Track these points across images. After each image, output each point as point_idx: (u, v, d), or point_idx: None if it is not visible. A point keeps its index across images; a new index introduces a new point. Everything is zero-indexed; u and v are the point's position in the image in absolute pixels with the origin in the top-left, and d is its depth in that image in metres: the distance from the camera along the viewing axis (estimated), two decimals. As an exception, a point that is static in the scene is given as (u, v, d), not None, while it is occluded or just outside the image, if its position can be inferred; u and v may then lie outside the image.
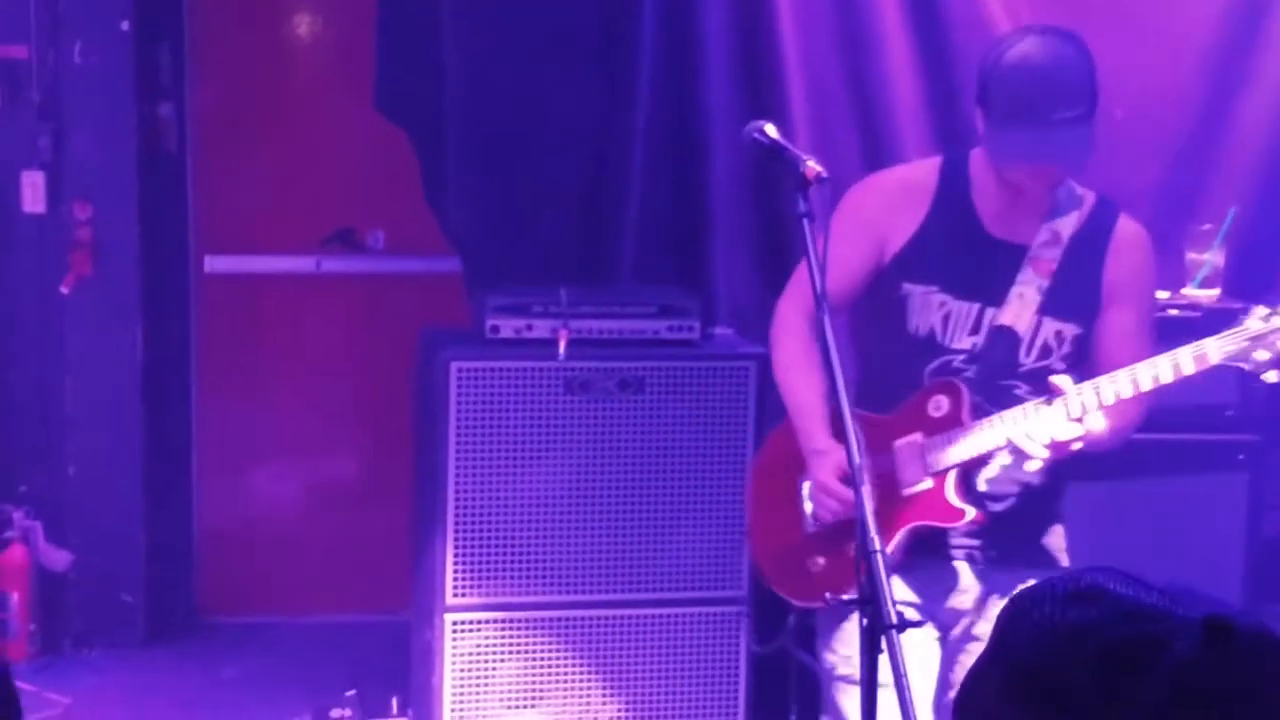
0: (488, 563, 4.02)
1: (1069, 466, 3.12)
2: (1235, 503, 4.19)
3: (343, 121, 5.26)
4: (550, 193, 4.37)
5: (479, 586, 4.03)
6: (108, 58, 4.98)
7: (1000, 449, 3.00)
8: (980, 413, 3.01)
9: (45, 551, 5.08)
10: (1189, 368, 2.89)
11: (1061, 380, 2.95)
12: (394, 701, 4.48)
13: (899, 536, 3.04)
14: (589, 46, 4.32)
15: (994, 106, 2.99)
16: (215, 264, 5.37)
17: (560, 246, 4.35)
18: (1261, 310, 2.85)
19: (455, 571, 4.02)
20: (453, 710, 4.06)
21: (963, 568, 3.14)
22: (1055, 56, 2.98)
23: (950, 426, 3.03)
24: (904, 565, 3.07)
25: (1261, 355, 2.82)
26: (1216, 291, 4.20)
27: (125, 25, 4.99)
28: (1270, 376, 2.80)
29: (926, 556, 3.11)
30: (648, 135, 4.27)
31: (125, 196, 5.04)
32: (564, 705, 4.08)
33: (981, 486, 3.09)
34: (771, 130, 2.79)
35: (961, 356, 3.07)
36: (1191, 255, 4.23)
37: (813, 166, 2.69)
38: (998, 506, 3.11)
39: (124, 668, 5.03)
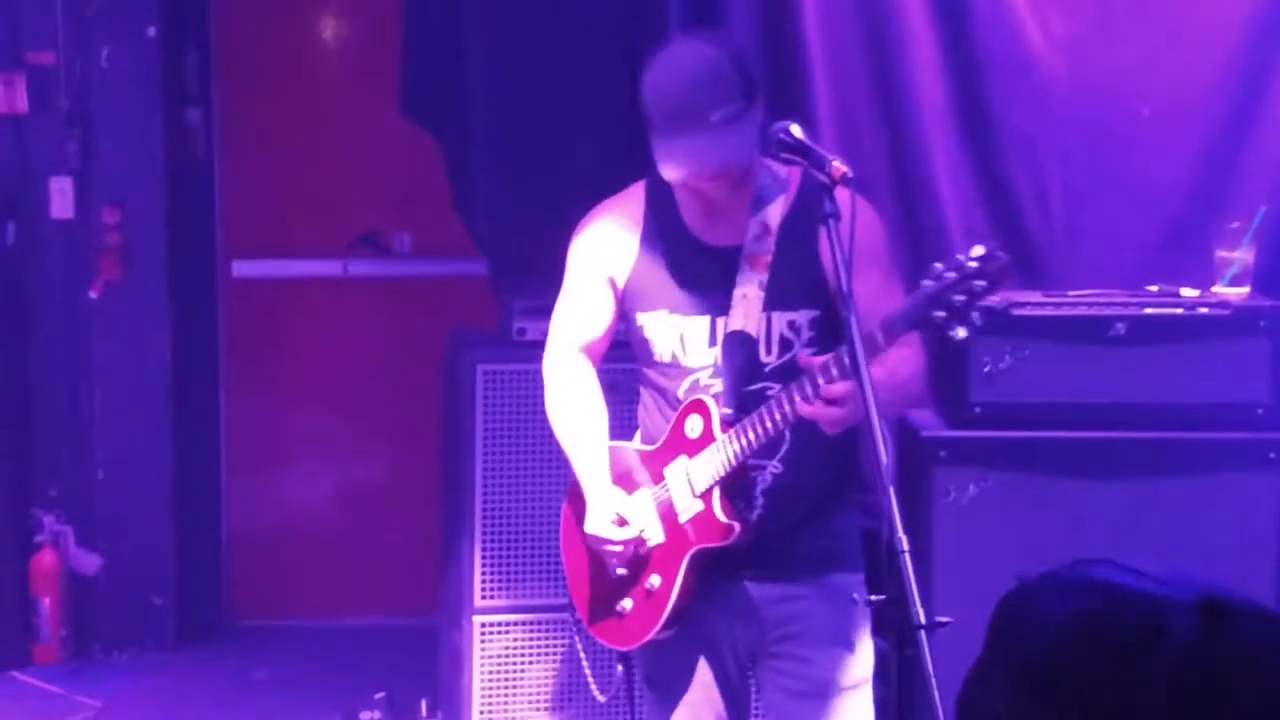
0: (515, 565, 4.03)
1: (843, 484, 3.06)
2: (1267, 501, 4.15)
3: (369, 126, 5.28)
4: (577, 194, 4.35)
5: (507, 589, 4.03)
6: (135, 64, 5.01)
7: (750, 452, 2.93)
8: (730, 424, 2.95)
9: (75, 556, 5.11)
10: (884, 342, 2.78)
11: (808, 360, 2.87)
12: (423, 704, 4.49)
13: (684, 565, 3.00)
14: (615, 47, 4.32)
15: (650, 123, 2.96)
16: (243, 268, 5.39)
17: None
18: (936, 268, 2.72)
19: (483, 574, 4.03)
20: (481, 712, 4.06)
21: (751, 588, 3.06)
22: (691, 61, 2.93)
23: (706, 444, 2.98)
24: (699, 593, 3.02)
25: (939, 313, 2.69)
26: (1246, 289, 4.17)
27: (152, 31, 5.02)
28: (958, 333, 2.67)
29: (718, 580, 3.04)
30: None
31: (153, 202, 5.07)
32: (592, 707, 4.08)
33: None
34: (797, 130, 2.78)
35: (707, 372, 3.02)
36: (1221, 253, 4.20)
37: (839, 167, 2.69)
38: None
39: (154, 671, 5.06)
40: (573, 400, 3.14)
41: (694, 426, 3.00)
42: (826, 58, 4.26)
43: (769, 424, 2.89)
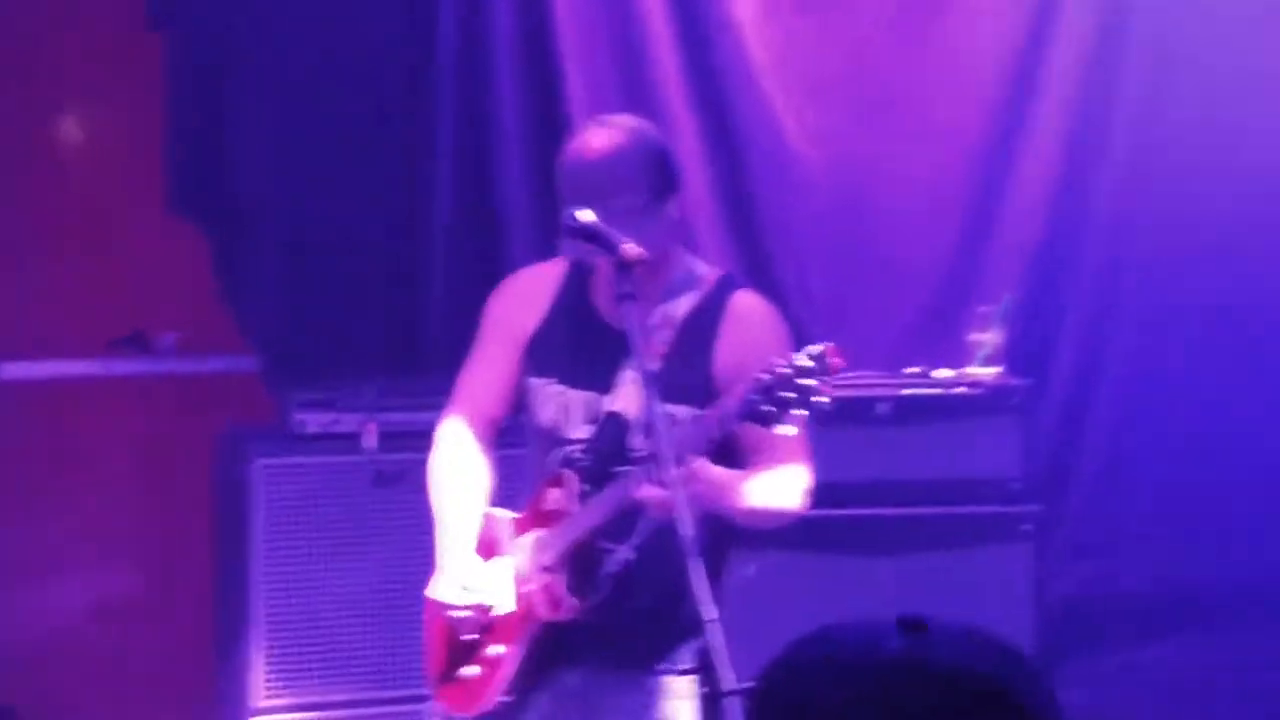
0: (299, 662, 3.96)
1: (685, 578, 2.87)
2: (1022, 571, 4.33)
3: (129, 220, 5.17)
4: (353, 284, 4.37)
5: (290, 687, 3.97)
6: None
7: (595, 530, 2.95)
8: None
9: None
10: (715, 432, 2.78)
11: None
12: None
13: (525, 636, 3.02)
14: (386, 134, 4.35)
15: (564, 202, 2.98)
16: (-3, 370, 5.20)
17: (366, 338, 4.34)
18: (772, 361, 2.72)
19: (266, 673, 3.95)
20: (262, 816, 3.97)
21: (581, 675, 3.06)
22: (605, 148, 2.96)
23: (561, 518, 2.99)
24: (536, 670, 3.04)
25: (768, 408, 2.69)
26: (998, 369, 4.38)
27: (-99, 123, 4.85)
28: (784, 430, 2.68)
29: (556, 664, 3.05)
30: (450, 222, 4.31)
31: (-101, 301, 4.87)
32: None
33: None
34: (587, 215, 2.84)
35: (579, 447, 3.03)
36: (973, 335, 4.41)
37: (631, 248, 2.76)
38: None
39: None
40: (449, 464, 3.13)
41: (553, 499, 3.01)
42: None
43: (609, 502, 2.89)
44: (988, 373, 4.37)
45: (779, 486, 2.96)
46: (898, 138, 4.59)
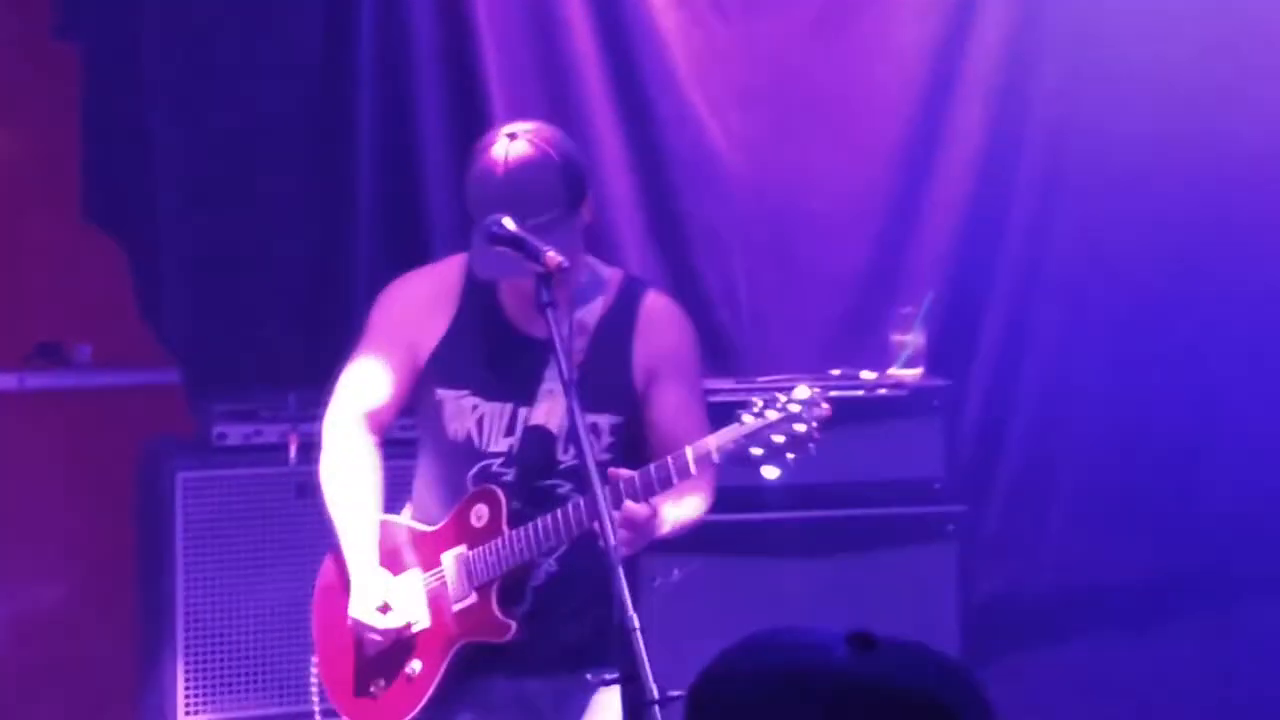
0: (222, 675, 3.94)
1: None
2: (946, 572, 4.36)
3: (45, 232, 5.11)
4: (273, 294, 4.33)
5: (212, 700, 3.94)
6: None
7: (539, 555, 2.94)
8: (519, 520, 2.93)
9: None
10: (693, 468, 2.81)
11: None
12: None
13: (450, 656, 2.98)
14: (305, 143, 4.32)
15: (472, 216, 2.93)
16: (-93, 385, 5.12)
17: (287, 349, 4.31)
18: (756, 403, 2.78)
19: (187, 687, 3.92)
20: (187, 832, 3.93)
21: (505, 683, 3.04)
22: (515, 165, 2.89)
23: (491, 536, 2.95)
24: (454, 684, 3.00)
25: (757, 451, 2.77)
26: (919, 370, 4.41)
27: None
28: (768, 472, 2.75)
29: (474, 675, 3.02)
30: (370, 233, 4.29)
31: None
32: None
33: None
34: (510, 223, 2.82)
35: (499, 460, 2.99)
36: (895, 337, 4.43)
37: (554, 256, 2.75)
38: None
39: None
40: (346, 470, 3.05)
41: (479, 515, 2.96)
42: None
43: (562, 529, 2.87)
44: (910, 374, 4.39)
45: (697, 504, 2.99)
46: (820, 142, 4.61)
